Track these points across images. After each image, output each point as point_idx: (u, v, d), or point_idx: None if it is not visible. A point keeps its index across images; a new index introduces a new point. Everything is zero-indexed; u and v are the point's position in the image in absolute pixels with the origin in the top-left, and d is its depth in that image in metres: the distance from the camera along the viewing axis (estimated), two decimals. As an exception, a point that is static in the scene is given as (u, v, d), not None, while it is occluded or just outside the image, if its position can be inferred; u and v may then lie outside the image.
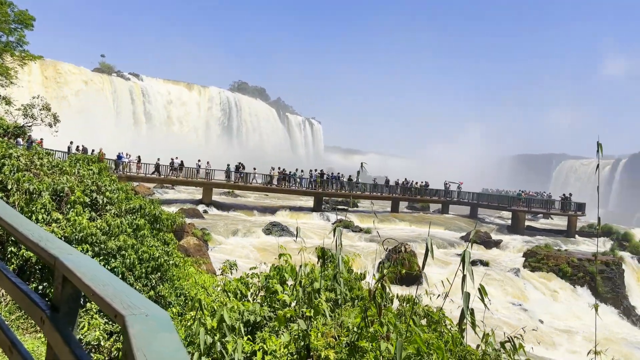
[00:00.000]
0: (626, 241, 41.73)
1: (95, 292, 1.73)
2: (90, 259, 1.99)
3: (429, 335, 3.39)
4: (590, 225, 46.62)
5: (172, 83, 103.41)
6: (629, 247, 40.29)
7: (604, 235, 43.66)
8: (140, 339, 1.39)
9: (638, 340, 24.28)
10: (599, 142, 3.06)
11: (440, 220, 44.79)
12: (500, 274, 27.89)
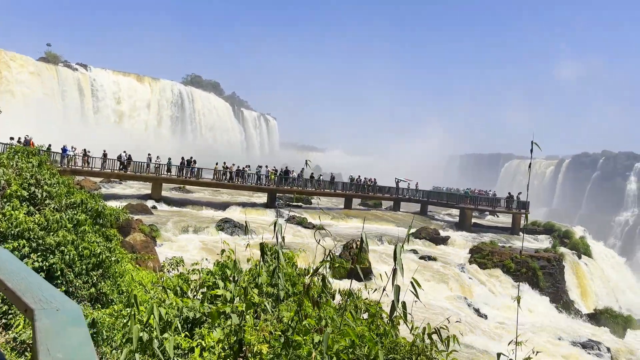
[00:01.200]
0: (567, 238, 43.77)
1: (7, 285, 1.69)
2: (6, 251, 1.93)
3: (362, 328, 3.46)
4: (533, 223, 48.59)
5: (122, 74, 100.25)
6: (569, 244, 42.27)
7: (547, 233, 45.66)
8: (46, 333, 1.37)
9: (574, 332, 25.54)
10: (533, 141, 3.21)
11: (391, 217, 45.58)
12: (447, 270, 28.68)
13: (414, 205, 51.67)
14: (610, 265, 47.09)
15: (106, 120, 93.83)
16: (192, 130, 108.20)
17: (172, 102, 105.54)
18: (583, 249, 41.48)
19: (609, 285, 41.58)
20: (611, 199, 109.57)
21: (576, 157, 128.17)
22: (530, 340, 21.05)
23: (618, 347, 24.83)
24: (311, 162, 5.56)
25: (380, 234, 35.12)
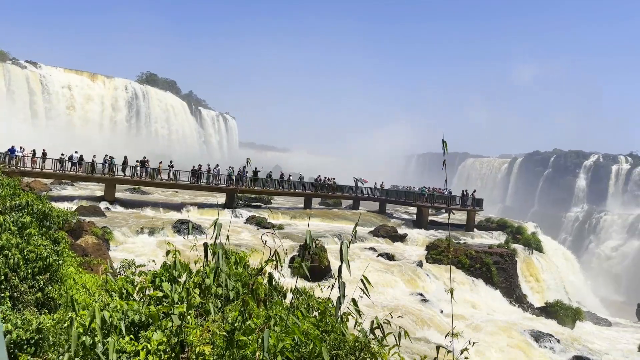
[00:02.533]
0: (519, 234, 45.21)
1: None
2: None
3: (308, 325, 3.48)
4: (487, 219, 49.99)
5: (74, 72, 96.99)
6: (521, 239, 43.65)
7: (500, 229, 47.04)
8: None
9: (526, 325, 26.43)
10: (443, 139, 3.30)
11: (350, 215, 45.93)
12: (405, 266, 29.14)
13: (373, 203, 52.25)
14: (561, 260, 48.90)
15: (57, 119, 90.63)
16: (148, 129, 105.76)
17: (127, 101, 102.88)
18: (535, 245, 42.93)
19: (560, 279, 43.22)
20: (562, 195, 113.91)
21: (528, 155, 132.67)
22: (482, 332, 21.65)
23: (568, 337, 25.86)
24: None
25: (339, 233, 35.33)
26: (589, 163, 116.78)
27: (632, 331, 34.02)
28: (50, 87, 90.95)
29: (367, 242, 35.32)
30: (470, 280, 31.64)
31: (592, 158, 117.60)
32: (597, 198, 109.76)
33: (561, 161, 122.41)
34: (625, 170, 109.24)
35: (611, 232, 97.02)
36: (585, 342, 25.64)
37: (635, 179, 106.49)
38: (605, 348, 25.35)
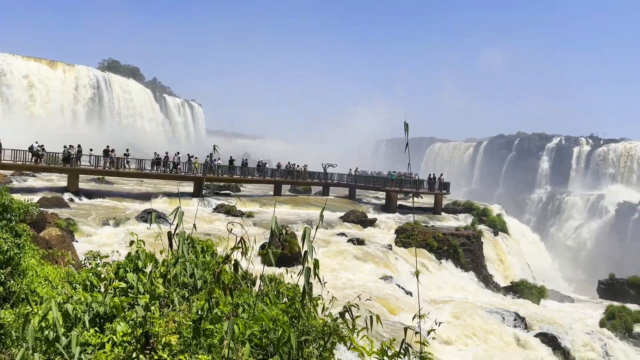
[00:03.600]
0: (485, 216, 46.26)
1: None
2: None
3: (277, 312, 3.46)
4: (454, 202, 50.91)
5: (33, 60, 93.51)
6: (487, 221, 44.69)
7: (466, 211, 48.00)
8: None
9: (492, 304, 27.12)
10: (405, 122, 3.31)
11: (320, 201, 46.04)
12: (375, 250, 29.45)
13: (343, 189, 52.51)
14: (525, 240, 50.39)
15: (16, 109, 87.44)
16: (111, 118, 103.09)
17: (89, 88, 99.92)
18: (500, 226, 44.04)
19: (524, 258, 44.54)
20: (525, 177, 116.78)
21: (493, 139, 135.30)
22: (450, 312, 22.09)
23: (533, 315, 26.66)
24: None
25: (310, 219, 35.38)
26: (551, 145, 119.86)
27: (593, 307, 35.34)
28: (7, 75, 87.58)
29: (337, 227, 35.53)
30: (438, 262, 32.25)
31: (555, 141, 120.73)
32: (560, 180, 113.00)
33: (525, 144, 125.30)
34: (586, 152, 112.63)
35: (573, 212, 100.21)
36: (549, 319, 26.48)
37: (595, 161, 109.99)
38: (569, 324, 26.26)
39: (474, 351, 19.72)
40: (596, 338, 23.36)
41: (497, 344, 20.93)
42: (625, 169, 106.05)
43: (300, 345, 3.29)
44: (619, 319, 30.11)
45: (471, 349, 19.93)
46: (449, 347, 19.29)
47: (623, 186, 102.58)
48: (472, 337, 20.70)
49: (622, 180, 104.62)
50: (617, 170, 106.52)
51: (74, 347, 3.20)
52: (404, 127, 3.31)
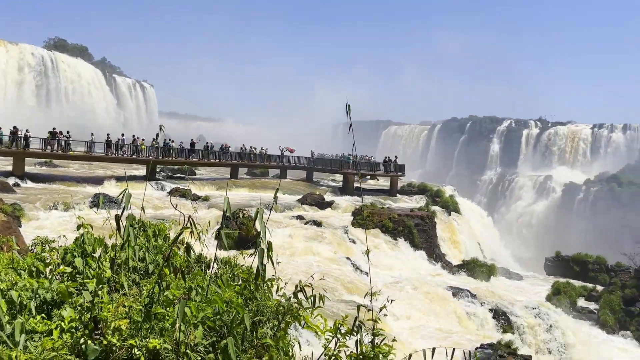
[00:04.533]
0: (438, 197, 47.34)
1: None
2: None
3: (230, 293, 3.44)
4: (409, 184, 51.86)
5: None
6: (440, 202, 45.77)
7: (420, 193, 49.01)
8: None
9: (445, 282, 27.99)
10: (347, 104, 3.33)
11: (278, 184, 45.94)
12: (332, 233, 29.72)
13: (301, 172, 52.53)
14: (476, 220, 51.94)
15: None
16: (58, 99, 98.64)
17: (34, 68, 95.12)
18: (452, 207, 45.22)
19: (475, 238, 46.00)
20: (477, 159, 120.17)
21: (447, 122, 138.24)
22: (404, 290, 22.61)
23: (483, 292, 27.69)
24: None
25: (267, 202, 35.29)
26: (502, 128, 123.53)
27: (540, 283, 37.03)
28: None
29: (295, 210, 35.60)
30: (393, 242, 32.89)
31: (505, 123, 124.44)
32: (510, 161, 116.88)
33: (477, 127, 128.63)
34: (535, 135, 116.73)
35: (522, 193, 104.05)
36: (498, 295, 27.58)
37: (543, 143, 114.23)
38: (517, 298, 27.45)
39: (427, 327, 20.34)
40: (542, 313, 24.49)
41: (450, 319, 21.65)
42: (571, 151, 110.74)
43: (254, 325, 3.28)
44: (564, 294, 31.70)
45: (424, 324, 20.55)
46: (403, 323, 19.81)
47: (569, 167, 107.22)
48: (426, 314, 21.33)
49: (568, 162, 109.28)
50: (563, 152, 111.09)
51: (17, 335, 3.09)
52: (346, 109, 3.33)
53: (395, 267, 29.21)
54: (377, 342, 3.23)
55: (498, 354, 16.83)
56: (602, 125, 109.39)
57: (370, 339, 3.22)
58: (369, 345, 3.19)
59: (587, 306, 31.14)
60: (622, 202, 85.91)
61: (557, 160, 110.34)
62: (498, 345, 18.33)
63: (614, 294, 30.87)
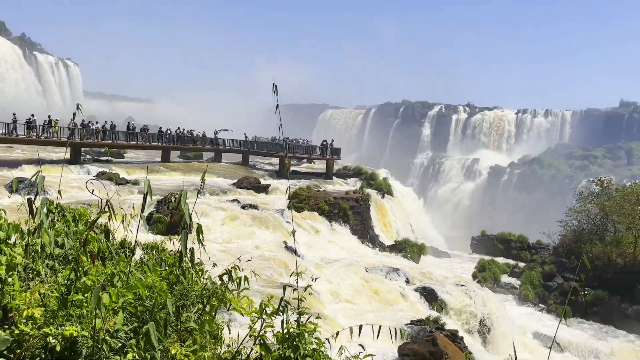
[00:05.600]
0: (372, 180, 48.33)
1: None
2: None
3: (153, 278, 3.35)
4: (344, 167, 52.54)
5: None
6: (374, 185, 46.76)
7: (356, 176, 49.82)
8: None
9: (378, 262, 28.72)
10: (274, 84, 3.32)
11: (213, 168, 45.12)
12: (268, 216, 29.65)
13: (236, 155, 51.83)
14: (408, 202, 53.59)
15: None
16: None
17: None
18: (386, 189, 46.35)
19: (407, 219, 47.49)
20: (410, 143, 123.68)
21: (381, 106, 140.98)
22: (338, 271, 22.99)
23: (413, 271, 28.72)
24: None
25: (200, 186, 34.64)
26: (432, 113, 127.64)
27: (467, 261, 38.94)
28: None
29: (230, 194, 35.12)
30: (329, 224, 33.32)
31: (436, 108, 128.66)
32: (440, 145, 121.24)
33: (409, 111, 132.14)
34: (463, 119, 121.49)
35: (451, 175, 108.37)
36: (428, 274, 28.70)
37: (471, 127, 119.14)
38: (445, 276, 28.68)
39: (359, 306, 20.86)
40: (468, 289, 25.76)
41: (381, 298, 22.31)
42: (497, 135, 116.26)
43: (178, 310, 3.22)
44: (489, 271, 33.54)
45: (357, 304, 21.06)
46: (337, 304, 20.20)
47: (495, 151, 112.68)
48: (358, 294, 21.85)
49: (494, 146, 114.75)
50: (489, 136, 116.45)
51: None
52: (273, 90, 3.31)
53: (330, 248, 29.63)
54: (303, 321, 3.27)
55: (426, 330, 17.59)
56: (525, 111, 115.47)
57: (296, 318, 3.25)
58: (295, 324, 3.22)
59: (509, 282, 33.12)
60: (543, 184, 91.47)
61: (484, 143, 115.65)
62: (426, 321, 19.13)
63: (534, 270, 33.01)
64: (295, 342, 3.15)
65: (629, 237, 29.82)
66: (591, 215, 33.46)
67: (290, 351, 3.08)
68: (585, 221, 33.56)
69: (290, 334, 3.17)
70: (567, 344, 25.02)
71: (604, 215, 32.62)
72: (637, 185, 33.90)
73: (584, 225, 33.52)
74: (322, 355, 3.30)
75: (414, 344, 15.92)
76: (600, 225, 33.26)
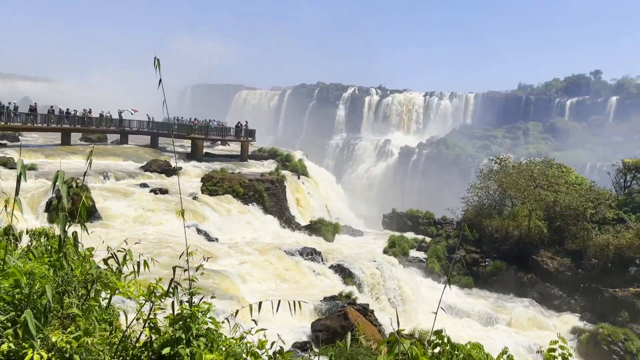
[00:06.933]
0: (288, 162, 48.49)
1: None
2: None
3: (33, 265, 3.16)
4: (259, 149, 52.22)
5: None
6: (290, 166, 46.95)
7: (271, 157, 49.71)
8: None
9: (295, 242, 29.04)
10: (156, 57, 3.24)
11: (119, 151, 43.02)
12: (180, 200, 28.85)
13: (144, 138, 49.69)
14: (324, 183, 54.37)
15: None
16: None
17: None
18: (301, 170, 46.72)
19: (323, 199, 48.25)
20: (325, 124, 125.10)
21: (296, 87, 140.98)
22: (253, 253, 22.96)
23: (328, 249, 29.39)
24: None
25: (105, 170, 32.93)
26: (346, 95, 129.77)
27: (379, 238, 40.34)
28: None
29: (138, 178, 33.74)
30: (245, 207, 33.09)
31: (349, 90, 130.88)
32: (354, 126, 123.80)
33: (324, 93, 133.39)
34: (375, 102, 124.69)
35: (364, 156, 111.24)
36: (342, 251, 29.51)
37: (382, 109, 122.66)
38: (358, 253, 29.63)
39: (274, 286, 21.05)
40: (379, 264, 26.82)
41: (296, 277, 22.65)
42: (407, 117, 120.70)
43: (61, 297, 3.08)
44: (398, 246, 35.02)
45: (272, 284, 21.24)
46: (251, 285, 20.23)
47: (405, 132, 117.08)
48: (273, 274, 22.02)
49: (404, 127, 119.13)
50: (400, 117, 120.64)
51: None
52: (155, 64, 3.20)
53: (245, 230, 29.50)
54: (196, 302, 3.25)
55: (339, 305, 18.13)
56: (432, 94, 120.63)
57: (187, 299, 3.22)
58: (187, 305, 3.19)
59: (417, 256, 34.84)
60: (449, 163, 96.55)
61: (395, 125, 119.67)
62: (339, 297, 19.71)
63: (440, 244, 34.98)
64: (187, 323, 3.12)
65: (524, 211, 32.32)
66: (490, 191, 35.85)
67: (181, 332, 3.05)
68: (486, 197, 35.91)
69: (181, 315, 3.14)
70: (470, 312, 26.91)
71: (502, 191, 35.06)
72: (531, 162, 36.78)
73: (484, 201, 35.85)
74: (217, 334, 3.31)
75: (326, 320, 16.36)
76: (499, 200, 35.78)
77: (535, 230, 31.13)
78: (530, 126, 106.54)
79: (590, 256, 29.27)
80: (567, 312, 28.18)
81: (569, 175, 35.29)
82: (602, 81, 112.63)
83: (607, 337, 24.14)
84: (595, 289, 28.75)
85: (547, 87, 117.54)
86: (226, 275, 19.17)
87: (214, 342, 3.20)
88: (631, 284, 28.06)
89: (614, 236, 28.50)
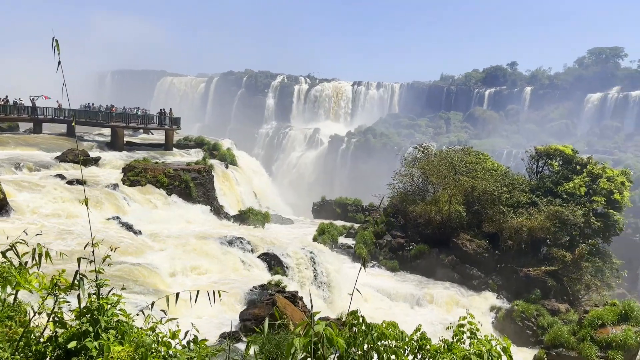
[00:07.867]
0: (216, 150, 47.59)
1: None
2: None
3: None
4: (185, 138, 50.85)
5: None
6: (218, 155, 46.10)
7: (198, 147, 48.54)
8: None
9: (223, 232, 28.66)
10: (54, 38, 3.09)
11: (32, 140, 40.35)
12: (99, 191, 27.62)
13: (60, 126, 46.85)
14: (253, 172, 53.93)
15: None
16: None
17: None
18: (230, 159, 46.04)
19: (252, 188, 47.88)
20: (255, 113, 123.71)
21: (224, 75, 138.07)
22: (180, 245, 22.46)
23: (258, 238, 29.23)
24: None
25: (17, 160, 30.82)
26: (276, 83, 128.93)
27: (309, 226, 40.66)
28: None
29: (53, 169, 31.84)
30: (169, 197, 32.19)
31: (279, 79, 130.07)
32: (284, 115, 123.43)
33: (253, 81, 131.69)
34: (304, 90, 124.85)
35: (295, 145, 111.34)
36: (272, 240, 29.47)
37: (311, 98, 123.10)
38: (288, 241, 29.73)
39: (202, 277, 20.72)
40: (308, 251, 27.08)
41: (225, 267, 22.41)
42: (336, 105, 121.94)
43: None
44: (328, 234, 35.48)
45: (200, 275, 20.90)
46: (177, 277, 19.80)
47: (334, 121, 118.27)
48: (201, 265, 21.66)
49: (333, 116, 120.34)
50: (329, 106, 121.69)
51: None
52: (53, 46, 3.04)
53: (170, 221, 28.72)
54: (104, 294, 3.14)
55: (268, 293, 18.16)
56: (360, 83, 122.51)
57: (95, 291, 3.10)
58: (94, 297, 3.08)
59: (346, 242, 35.52)
60: (376, 151, 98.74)
61: (324, 114, 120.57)
62: (268, 285, 19.74)
63: (367, 230, 35.83)
64: (95, 316, 3.01)
65: (445, 196, 33.76)
66: (414, 178, 37.12)
67: (88, 325, 2.94)
68: (410, 184, 37.15)
69: (89, 308, 3.02)
70: (396, 294, 27.88)
71: (424, 177, 36.41)
72: (451, 150, 38.42)
73: (409, 187, 37.10)
74: (129, 326, 3.22)
75: (254, 308, 16.34)
76: (422, 186, 37.15)
77: (455, 214, 32.62)
78: (452, 115, 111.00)
79: (505, 238, 31.14)
80: (486, 291, 29.90)
81: (486, 162, 37.17)
82: (518, 72, 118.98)
83: (522, 314, 25.95)
84: (511, 269, 30.73)
85: (467, 78, 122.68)
86: (151, 268, 18.63)
87: (125, 334, 3.11)
88: (543, 264, 30.25)
89: (527, 219, 30.46)
